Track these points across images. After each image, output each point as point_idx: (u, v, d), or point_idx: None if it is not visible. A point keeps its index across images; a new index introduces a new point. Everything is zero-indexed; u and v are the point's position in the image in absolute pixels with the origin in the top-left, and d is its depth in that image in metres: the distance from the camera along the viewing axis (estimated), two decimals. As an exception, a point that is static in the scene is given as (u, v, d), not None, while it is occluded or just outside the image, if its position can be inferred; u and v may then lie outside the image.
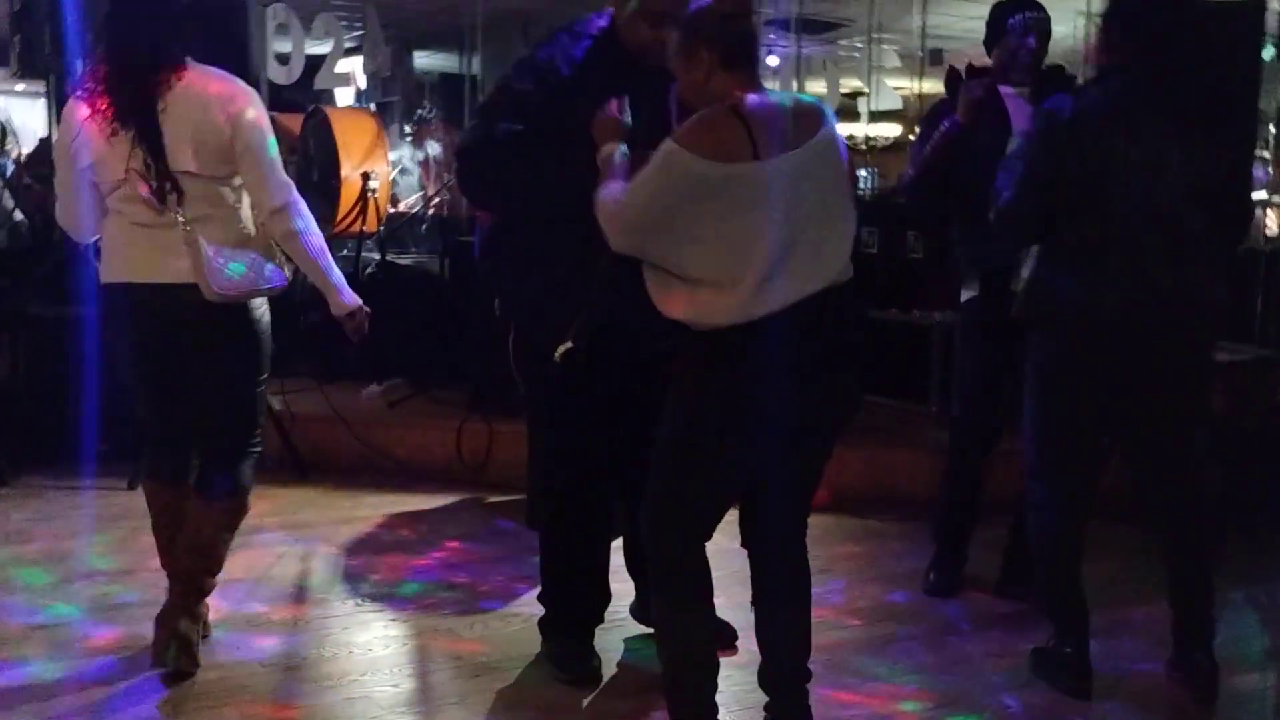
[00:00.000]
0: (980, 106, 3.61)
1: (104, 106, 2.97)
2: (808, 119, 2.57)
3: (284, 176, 3.10)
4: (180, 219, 2.98)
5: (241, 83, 3.10)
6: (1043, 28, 3.72)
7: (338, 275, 3.19)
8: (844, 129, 13.31)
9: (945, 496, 3.96)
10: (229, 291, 2.99)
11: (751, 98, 2.52)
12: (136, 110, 2.95)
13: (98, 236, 3.19)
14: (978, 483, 3.85)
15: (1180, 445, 3.13)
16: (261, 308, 3.17)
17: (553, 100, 2.89)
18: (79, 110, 3.02)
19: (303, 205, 3.12)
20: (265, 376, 3.24)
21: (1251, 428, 4.54)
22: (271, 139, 3.07)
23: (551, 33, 3.07)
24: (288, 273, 3.18)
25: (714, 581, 2.74)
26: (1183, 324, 3.02)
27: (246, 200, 3.12)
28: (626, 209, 2.54)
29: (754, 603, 2.80)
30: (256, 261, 3.07)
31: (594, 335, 2.78)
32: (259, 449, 3.27)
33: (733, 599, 3.08)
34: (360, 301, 3.25)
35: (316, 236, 3.14)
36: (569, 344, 2.79)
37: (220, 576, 3.28)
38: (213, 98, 3.00)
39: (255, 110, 3.05)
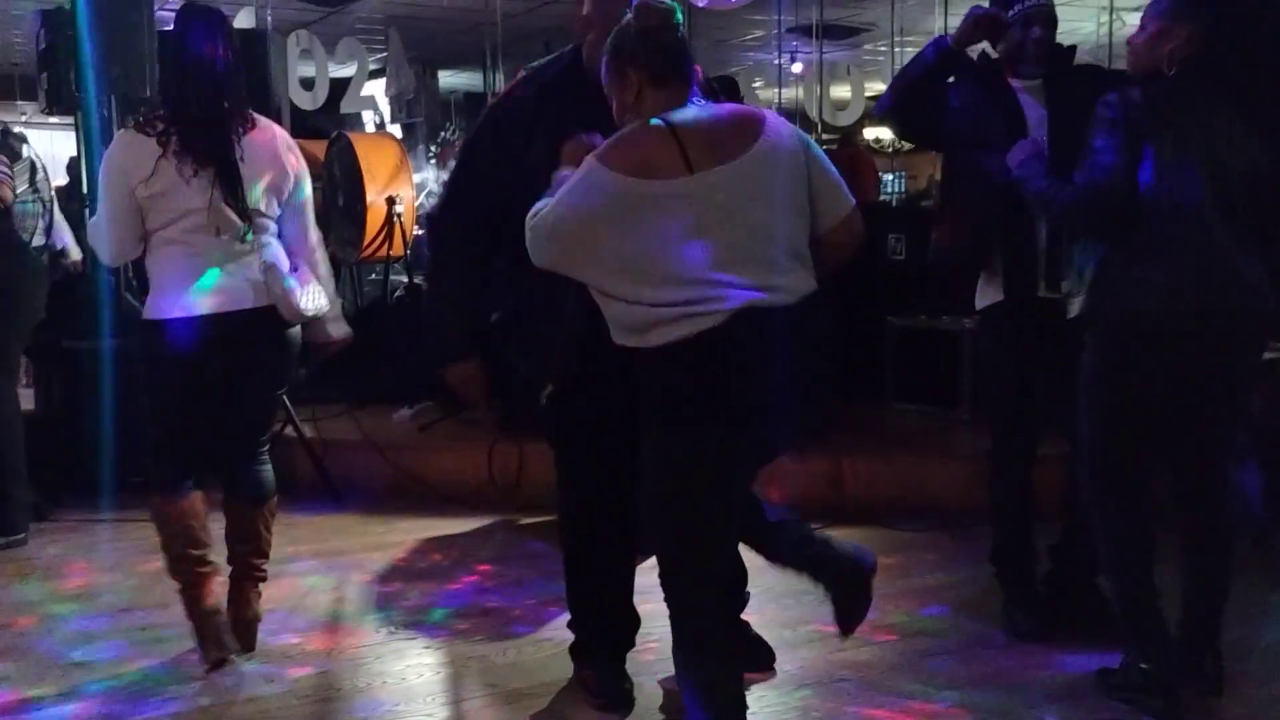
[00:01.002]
0: (980, 28, 3.44)
1: (180, 148, 3.22)
2: (745, 129, 2.50)
3: (314, 223, 3.57)
4: (255, 251, 3.33)
5: (287, 134, 3.52)
6: (1047, 14, 3.52)
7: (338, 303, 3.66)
8: (870, 133, 13.30)
9: (1001, 530, 3.69)
10: (305, 311, 3.36)
11: (683, 112, 2.48)
12: (217, 155, 3.24)
13: (134, 258, 3.45)
14: (1031, 500, 3.63)
15: (1223, 440, 3.10)
16: (297, 327, 3.48)
17: (512, 132, 2.92)
18: (146, 145, 3.23)
19: (323, 256, 3.60)
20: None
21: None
22: (309, 189, 3.52)
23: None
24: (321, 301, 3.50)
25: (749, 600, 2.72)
26: (1251, 316, 2.97)
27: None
28: (545, 219, 2.49)
29: (796, 556, 2.81)
30: (314, 286, 3.43)
31: (572, 371, 2.79)
32: (269, 447, 3.63)
33: (766, 616, 3.07)
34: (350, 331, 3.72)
35: (329, 266, 3.63)
36: (550, 387, 2.84)
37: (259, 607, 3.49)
38: (280, 145, 3.40)
39: (301, 160, 3.48)
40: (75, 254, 5.59)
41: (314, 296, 3.40)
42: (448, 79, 13.43)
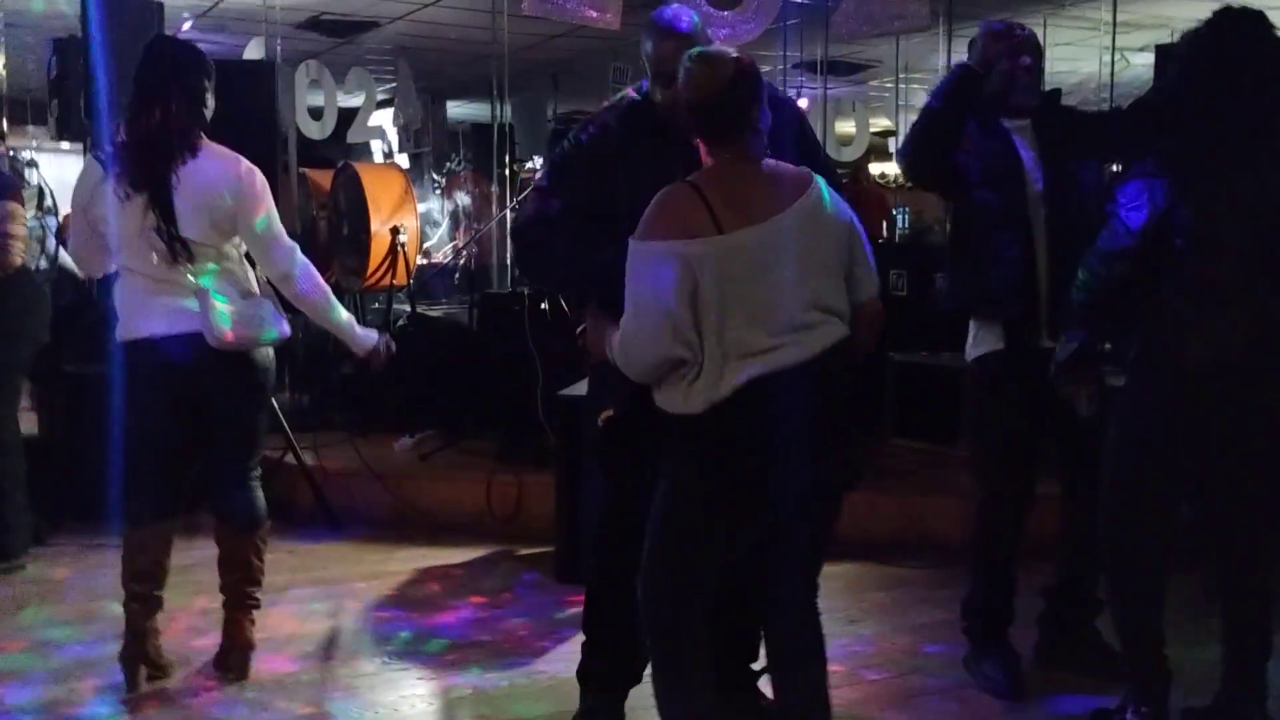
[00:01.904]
0: (1000, 40, 3.35)
1: (119, 173, 3.29)
2: (787, 189, 2.53)
3: (286, 243, 3.45)
4: (190, 276, 3.30)
5: (246, 161, 3.41)
6: (1034, 43, 3.44)
7: (348, 319, 3.58)
8: (874, 168, 13.36)
9: (982, 584, 3.56)
10: (230, 340, 3.30)
11: (718, 170, 2.53)
12: (151, 179, 3.27)
13: (107, 271, 3.53)
14: (1016, 558, 3.52)
15: (1263, 486, 3.01)
16: (264, 351, 3.46)
17: (592, 165, 2.96)
18: (94, 170, 3.38)
19: (307, 268, 3.47)
20: (266, 411, 3.63)
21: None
22: (272, 213, 3.41)
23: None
24: (284, 329, 3.48)
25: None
26: None
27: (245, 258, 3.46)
28: (627, 322, 2.52)
29: (769, 670, 2.75)
30: (256, 315, 3.37)
31: (633, 400, 2.79)
32: (258, 474, 3.59)
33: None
34: (376, 336, 3.64)
35: (321, 292, 3.50)
36: (610, 411, 2.85)
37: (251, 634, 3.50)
38: (219, 175, 3.32)
39: (257, 188, 3.38)
40: (82, 274, 5.63)
41: (252, 324, 3.35)
42: (455, 110, 13.51)
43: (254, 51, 8.25)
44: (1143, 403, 2.99)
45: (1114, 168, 3.99)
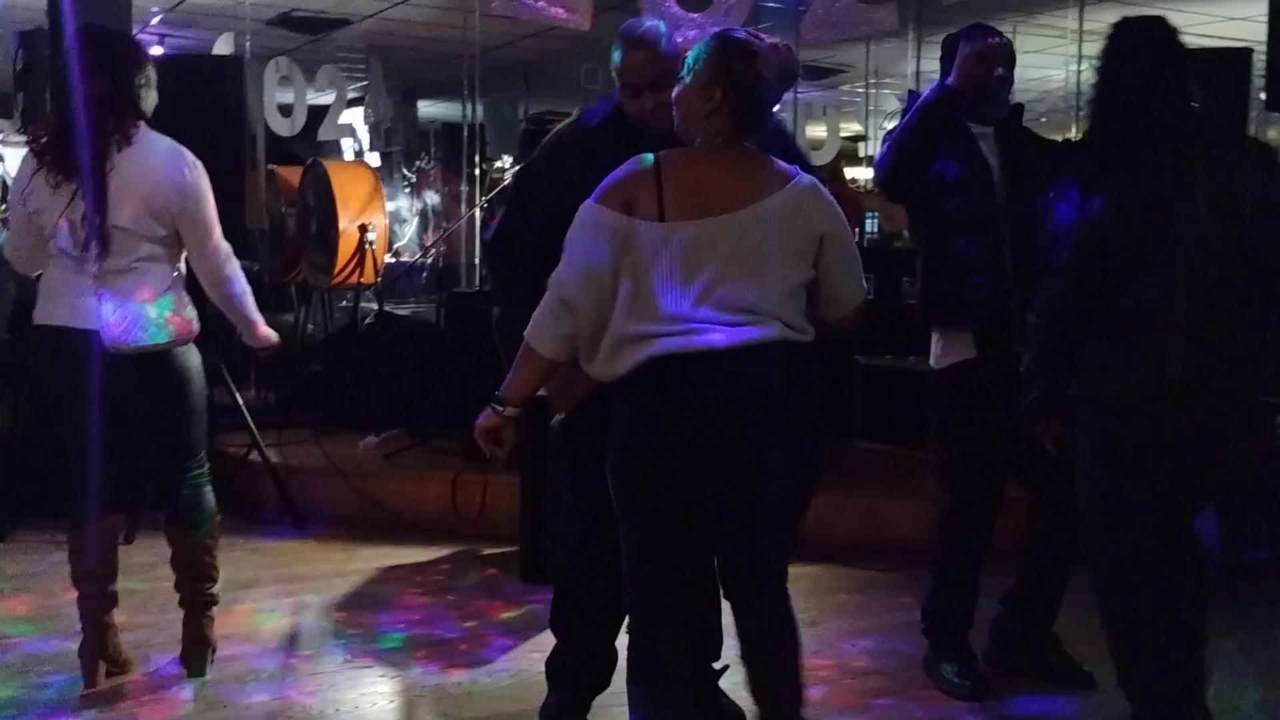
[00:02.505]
0: (983, 62, 3.32)
1: (51, 162, 3.24)
2: (753, 188, 2.50)
3: (218, 238, 3.41)
4: (93, 272, 3.23)
5: (188, 153, 3.36)
6: (1008, 52, 3.42)
7: (256, 313, 3.55)
8: (849, 172, 13.40)
9: (945, 591, 3.56)
10: (119, 343, 3.23)
11: (696, 153, 2.53)
12: (82, 167, 3.21)
13: (39, 273, 3.45)
14: (979, 563, 3.53)
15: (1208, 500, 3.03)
16: (182, 352, 3.39)
17: (562, 178, 2.93)
18: (30, 161, 3.32)
19: (237, 268, 3.47)
20: (196, 409, 3.49)
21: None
22: (212, 207, 3.37)
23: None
24: (195, 326, 3.42)
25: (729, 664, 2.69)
26: (1240, 384, 2.87)
27: (170, 255, 3.37)
28: (560, 276, 2.51)
29: (743, 657, 2.72)
30: (157, 319, 3.29)
31: (589, 399, 2.80)
32: (201, 472, 3.51)
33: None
34: (275, 337, 3.62)
35: (248, 292, 3.51)
36: (560, 415, 2.85)
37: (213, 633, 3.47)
38: (163, 164, 3.27)
39: (201, 180, 3.34)
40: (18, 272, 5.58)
41: (137, 326, 3.25)
42: (427, 109, 13.47)
43: (223, 47, 8.19)
44: (1092, 436, 2.89)
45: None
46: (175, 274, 3.40)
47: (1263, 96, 5.27)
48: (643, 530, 2.57)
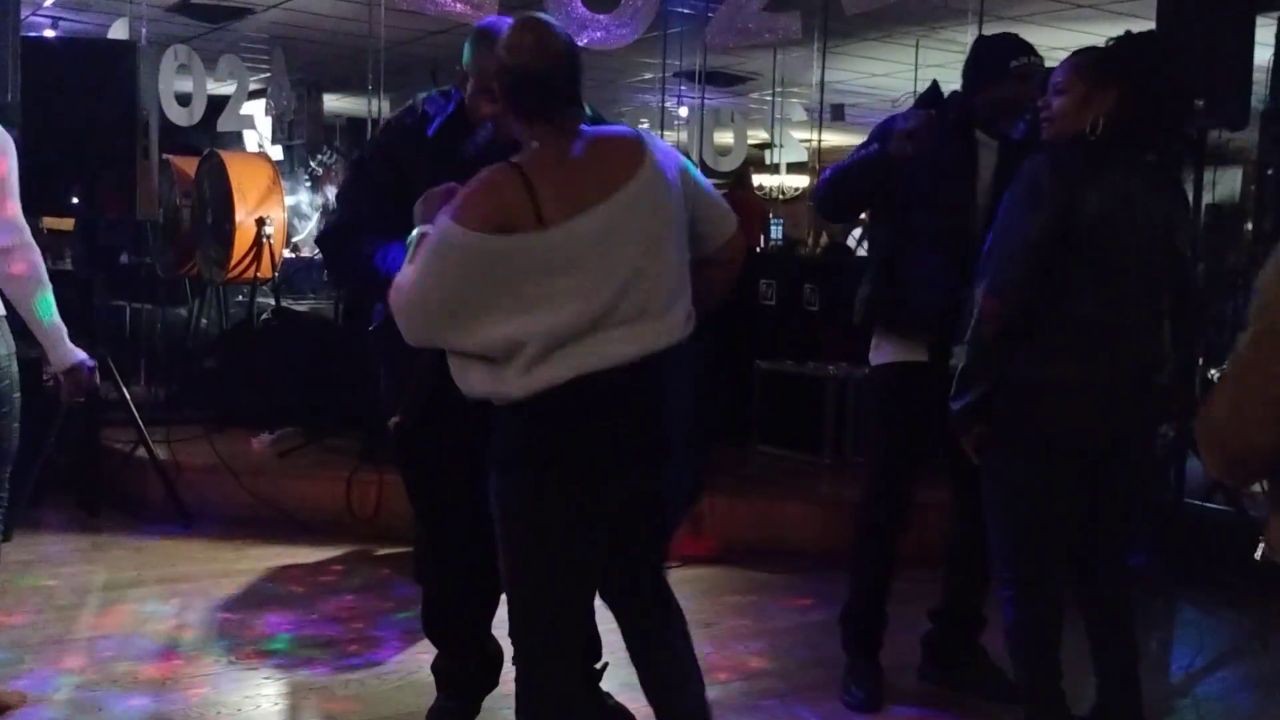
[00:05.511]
0: (915, 142, 3.17)
1: None
2: (619, 166, 2.35)
3: (18, 217, 3.08)
4: None
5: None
6: (1043, 76, 3.12)
7: (59, 325, 3.15)
8: (757, 179, 13.52)
9: (859, 598, 3.50)
10: None
11: (546, 153, 2.36)
12: None
13: None
14: (891, 568, 3.46)
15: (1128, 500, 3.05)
16: None
17: (398, 172, 2.86)
18: None
19: (31, 250, 3.08)
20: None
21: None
22: (12, 183, 3.05)
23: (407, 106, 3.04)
24: None
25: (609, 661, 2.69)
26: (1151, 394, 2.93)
27: None
28: (414, 298, 2.34)
29: (631, 652, 2.66)
30: None
31: (422, 410, 2.76)
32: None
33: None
34: (84, 357, 3.22)
35: (38, 279, 3.09)
36: (396, 418, 2.79)
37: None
38: None
39: (6, 150, 3.04)
40: None
41: None
42: (332, 103, 13.27)
43: (119, 32, 7.97)
44: (1013, 436, 2.90)
45: None
46: None
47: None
48: (538, 550, 2.42)
